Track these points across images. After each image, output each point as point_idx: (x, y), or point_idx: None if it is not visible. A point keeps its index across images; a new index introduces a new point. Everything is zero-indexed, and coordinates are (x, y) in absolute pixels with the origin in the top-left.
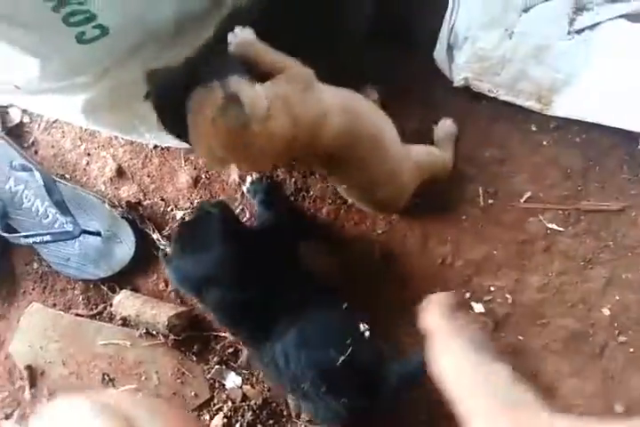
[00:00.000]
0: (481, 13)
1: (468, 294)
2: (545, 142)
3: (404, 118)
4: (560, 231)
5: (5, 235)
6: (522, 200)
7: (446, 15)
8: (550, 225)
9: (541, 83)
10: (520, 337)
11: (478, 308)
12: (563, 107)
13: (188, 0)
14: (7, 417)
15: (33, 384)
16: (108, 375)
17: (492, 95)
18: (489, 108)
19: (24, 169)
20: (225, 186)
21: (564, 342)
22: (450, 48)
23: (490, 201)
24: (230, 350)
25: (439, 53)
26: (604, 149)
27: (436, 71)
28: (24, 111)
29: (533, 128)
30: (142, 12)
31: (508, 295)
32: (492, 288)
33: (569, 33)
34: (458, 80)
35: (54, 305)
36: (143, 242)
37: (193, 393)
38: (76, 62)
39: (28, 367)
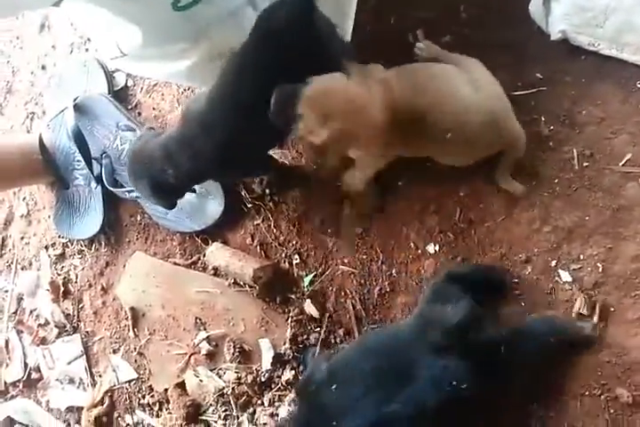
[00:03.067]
0: None
1: (554, 262)
2: None
3: (497, 73)
4: None
5: (113, 189)
6: (620, 164)
7: None
8: None
9: None
10: (611, 309)
11: (565, 276)
12: None
13: None
14: (114, 352)
15: (135, 324)
16: (200, 320)
17: (593, 49)
18: (588, 64)
19: (129, 129)
20: None
21: None
22: (547, 0)
23: (585, 164)
24: None
25: (535, 5)
26: None
27: (532, 24)
28: (128, 75)
29: (638, 85)
30: None
31: (599, 264)
32: (581, 256)
33: None
34: (555, 33)
35: (155, 254)
36: (233, 200)
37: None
38: (173, 29)
39: (132, 309)
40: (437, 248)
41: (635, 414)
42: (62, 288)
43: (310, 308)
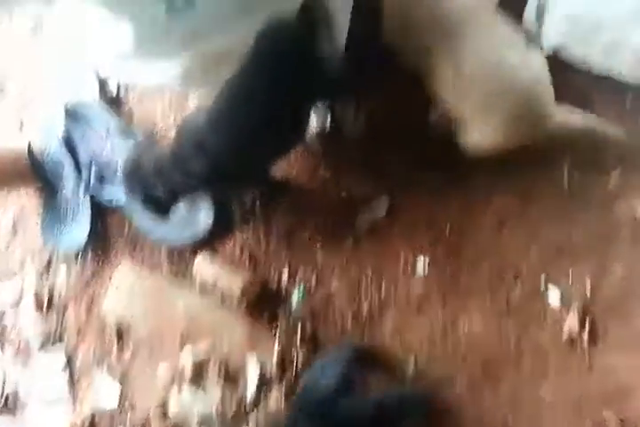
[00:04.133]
0: None
1: (543, 276)
2: None
3: None
4: None
5: (100, 197)
6: (610, 181)
7: None
8: None
9: None
10: (600, 329)
11: (554, 295)
12: None
13: None
14: (98, 365)
15: (120, 338)
16: (185, 335)
17: (585, 65)
18: (581, 78)
19: (120, 136)
20: None
21: None
22: (539, 13)
23: (575, 178)
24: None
25: (528, 19)
26: None
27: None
28: (120, 82)
29: (629, 100)
30: None
31: (587, 283)
32: (570, 275)
33: None
34: (547, 47)
35: (141, 266)
36: (222, 211)
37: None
38: (166, 32)
39: (117, 322)
40: (427, 263)
41: None
42: (47, 299)
43: (298, 324)
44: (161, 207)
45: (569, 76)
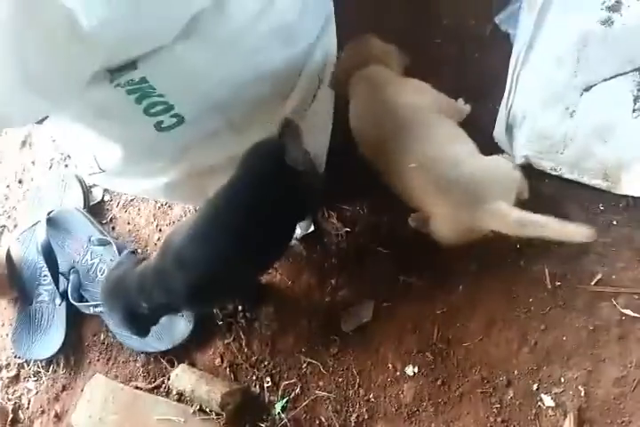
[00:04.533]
0: (540, 92)
1: (535, 386)
2: (615, 222)
3: None
4: (636, 318)
5: (78, 304)
6: (592, 283)
7: (504, 94)
8: (625, 311)
9: (607, 161)
10: None
11: (548, 401)
12: (632, 185)
13: (259, 91)
14: None
15: None
16: None
17: (556, 173)
18: (552, 187)
19: (101, 244)
20: None
21: None
22: (509, 127)
23: (557, 283)
24: None
25: (499, 133)
26: None
27: (497, 149)
28: (105, 190)
29: (601, 207)
30: (217, 102)
31: (580, 388)
32: (562, 379)
33: (634, 111)
34: (519, 158)
35: (116, 377)
36: (203, 316)
37: None
38: (155, 148)
39: None
40: (416, 370)
41: None
42: (11, 415)
43: None
44: (140, 327)
45: (540, 182)
